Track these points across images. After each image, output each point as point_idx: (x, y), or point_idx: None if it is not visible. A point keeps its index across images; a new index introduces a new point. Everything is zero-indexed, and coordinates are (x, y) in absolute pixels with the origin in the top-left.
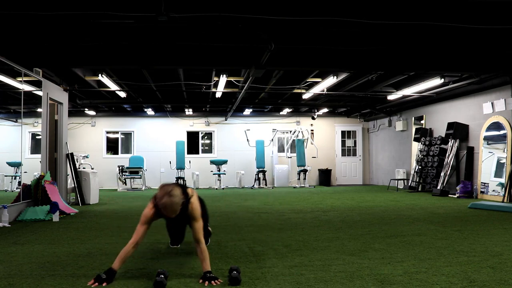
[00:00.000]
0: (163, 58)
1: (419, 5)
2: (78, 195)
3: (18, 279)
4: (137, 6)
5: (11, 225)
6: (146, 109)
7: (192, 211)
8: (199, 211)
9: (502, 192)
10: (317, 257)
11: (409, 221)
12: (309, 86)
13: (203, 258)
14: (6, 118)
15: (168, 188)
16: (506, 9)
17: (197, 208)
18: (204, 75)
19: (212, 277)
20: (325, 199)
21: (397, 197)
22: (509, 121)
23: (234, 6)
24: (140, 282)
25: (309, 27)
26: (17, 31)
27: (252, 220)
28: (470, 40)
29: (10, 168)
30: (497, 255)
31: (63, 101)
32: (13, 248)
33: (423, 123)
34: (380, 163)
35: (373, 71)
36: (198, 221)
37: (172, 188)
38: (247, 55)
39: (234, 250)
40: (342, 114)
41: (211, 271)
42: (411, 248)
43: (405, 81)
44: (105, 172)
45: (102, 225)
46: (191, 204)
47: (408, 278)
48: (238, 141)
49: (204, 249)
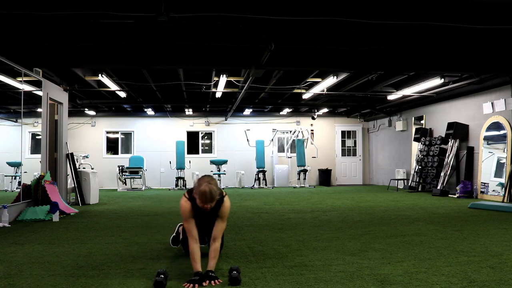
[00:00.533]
0: (163, 58)
1: (419, 5)
2: (78, 195)
3: (18, 279)
4: (137, 6)
5: (11, 225)
6: (146, 109)
7: (224, 209)
8: (228, 213)
9: (502, 192)
10: (317, 257)
11: (409, 221)
12: (309, 86)
13: (213, 257)
14: (6, 118)
15: (208, 178)
16: (506, 9)
17: (228, 208)
18: (204, 75)
19: (213, 277)
20: (325, 199)
21: (397, 197)
22: (509, 121)
23: (234, 6)
24: (140, 282)
25: (309, 27)
26: (17, 31)
27: (252, 220)
28: (470, 40)
29: (10, 168)
30: (497, 255)
31: (63, 101)
32: (13, 248)
33: (423, 123)
34: (380, 163)
35: (373, 71)
36: (224, 221)
37: (211, 178)
38: (247, 55)
39: (234, 250)
40: (342, 114)
41: (213, 271)
42: (411, 248)
43: (405, 81)
44: (105, 172)
45: (102, 225)
46: (224, 203)
47: (408, 278)
48: (238, 141)
49: (217, 249)
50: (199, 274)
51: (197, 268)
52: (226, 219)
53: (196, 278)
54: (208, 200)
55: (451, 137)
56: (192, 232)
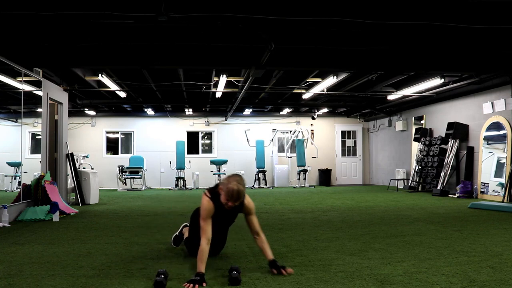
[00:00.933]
0: (163, 58)
1: (419, 5)
2: (78, 195)
3: (18, 279)
4: (137, 6)
5: (11, 225)
6: (146, 109)
7: (249, 205)
8: (254, 207)
9: (502, 192)
10: (317, 257)
11: (409, 221)
12: (309, 86)
13: (266, 248)
14: (6, 118)
15: (238, 177)
16: (506, 9)
17: (253, 204)
18: (204, 75)
19: (282, 266)
20: (325, 199)
21: (397, 197)
22: (509, 121)
23: (234, 6)
24: (140, 282)
25: (309, 27)
26: (17, 31)
27: None
28: (470, 40)
29: (10, 168)
30: (497, 255)
31: (63, 101)
32: (13, 248)
33: (423, 123)
34: (380, 163)
35: (373, 71)
36: (255, 215)
37: (241, 179)
38: (247, 55)
39: (234, 250)
40: (342, 114)
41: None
42: (411, 248)
43: (405, 81)
44: (105, 172)
45: (102, 225)
46: (247, 199)
47: (408, 278)
48: (238, 141)
49: (265, 240)
50: (201, 275)
51: (201, 269)
52: (255, 214)
53: (197, 279)
54: (235, 199)
55: (451, 137)
56: (207, 232)
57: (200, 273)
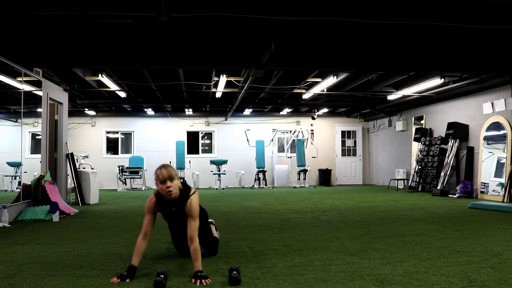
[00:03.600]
0: (163, 58)
1: (419, 5)
2: (78, 195)
3: (18, 279)
4: (137, 6)
5: (11, 225)
6: (146, 109)
7: (190, 207)
8: (197, 210)
9: (502, 192)
10: (317, 257)
11: (409, 221)
12: (309, 86)
13: (196, 257)
14: (6, 118)
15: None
16: (506, 9)
17: (195, 206)
18: (204, 75)
19: (203, 276)
20: (325, 199)
21: (397, 197)
22: (509, 121)
23: (234, 6)
24: (140, 282)
25: (309, 27)
26: (17, 31)
27: (252, 220)
28: (470, 40)
29: (10, 168)
30: (497, 255)
31: (63, 101)
32: (13, 248)
33: (423, 123)
34: (380, 163)
35: (373, 71)
36: (195, 220)
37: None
38: (247, 55)
39: (234, 250)
40: (342, 114)
41: (202, 271)
42: (411, 248)
43: (405, 81)
44: (105, 172)
45: (102, 225)
46: (190, 200)
47: (408, 278)
48: (238, 141)
49: (196, 248)
50: (131, 269)
51: (133, 261)
52: (196, 217)
53: (125, 274)
54: (164, 175)
55: (451, 137)
56: (144, 227)
57: (131, 266)
